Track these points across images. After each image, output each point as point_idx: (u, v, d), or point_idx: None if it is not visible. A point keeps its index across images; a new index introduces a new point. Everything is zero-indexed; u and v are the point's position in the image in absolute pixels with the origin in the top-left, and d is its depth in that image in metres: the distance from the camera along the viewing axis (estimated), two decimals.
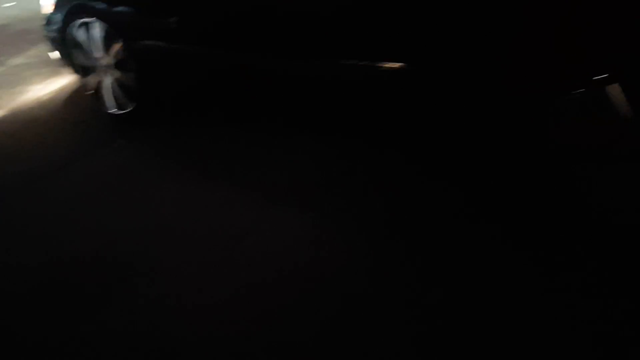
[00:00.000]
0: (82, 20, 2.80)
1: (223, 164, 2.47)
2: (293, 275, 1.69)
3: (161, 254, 1.89)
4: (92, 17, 2.74)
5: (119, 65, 2.80)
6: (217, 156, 2.54)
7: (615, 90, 1.68)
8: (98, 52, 2.83)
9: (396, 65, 1.93)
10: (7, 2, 7.64)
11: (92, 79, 2.99)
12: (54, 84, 3.81)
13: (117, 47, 2.73)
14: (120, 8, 2.64)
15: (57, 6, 2.95)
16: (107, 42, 2.76)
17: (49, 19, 3.06)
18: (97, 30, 2.75)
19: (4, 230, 2.17)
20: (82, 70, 3.01)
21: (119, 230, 2.05)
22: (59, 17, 2.94)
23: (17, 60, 4.58)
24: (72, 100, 3.46)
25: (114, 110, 2.98)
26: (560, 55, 1.63)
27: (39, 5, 3.16)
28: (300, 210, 2.03)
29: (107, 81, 2.92)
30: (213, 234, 1.96)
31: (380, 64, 1.97)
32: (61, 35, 2.97)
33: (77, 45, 2.91)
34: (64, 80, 3.81)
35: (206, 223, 2.03)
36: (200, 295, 1.67)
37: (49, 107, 3.40)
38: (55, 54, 3.18)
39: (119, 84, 2.87)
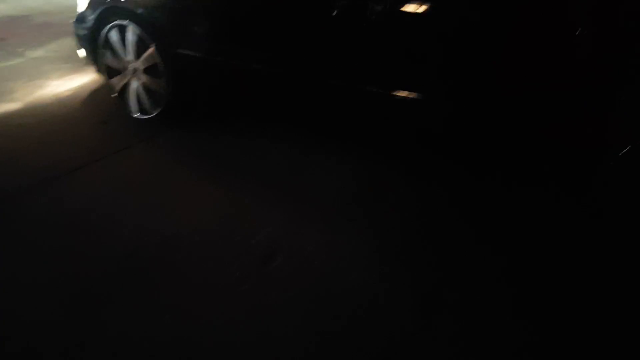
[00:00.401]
0: (115, 21, 2.77)
1: (250, 175, 2.43)
2: (325, 306, 1.64)
3: (182, 266, 1.84)
4: (127, 19, 2.72)
5: (148, 70, 2.77)
6: (244, 168, 2.51)
7: None
8: (128, 55, 2.81)
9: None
10: None
11: (118, 81, 2.96)
12: (74, 81, 3.76)
13: (149, 52, 2.70)
14: (157, 14, 2.62)
15: (91, 5, 2.92)
16: (139, 46, 2.74)
17: (80, 17, 3.03)
18: (131, 33, 2.73)
19: (15, 237, 2.06)
20: (109, 71, 2.98)
21: (138, 239, 1.98)
22: (91, 16, 2.91)
23: (37, 52, 4.54)
24: (93, 100, 3.41)
25: (137, 115, 2.95)
26: None
27: None
28: (342, 229, 2.02)
29: (134, 85, 2.88)
30: (238, 252, 1.90)
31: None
32: (91, 34, 2.94)
33: (107, 46, 2.88)
34: (85, 79, 3.77)
35: (230, 239, 1.98)
36: (219, 313, 1.61)
37: (68, 104, 3.35)
38: (82, 52, 3.15)
39: (146, 89, 2.84)
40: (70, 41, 3.25)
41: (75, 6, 3.09)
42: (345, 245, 1.94)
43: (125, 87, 2.94)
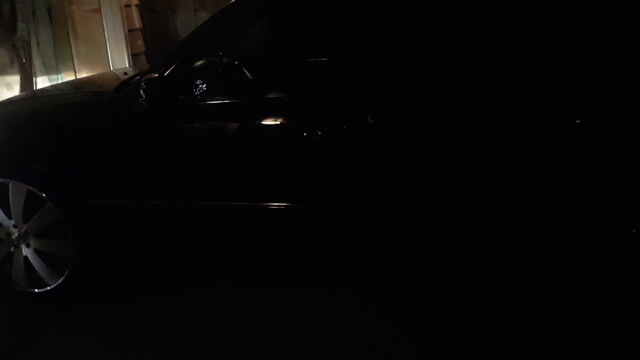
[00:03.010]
0: None
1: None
2: None
3: None
4: (6, 176, 2.21)
5: (42, 232, 2.24)
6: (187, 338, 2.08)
7: None
8: (12, 218, 2.25)
9: None
10: None
11: None
12: None
13: (45, 209, 2.19)
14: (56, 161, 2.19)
15: None
16: (27, 206, 2.22)
17: None
18: (15, 191, 2.20)
19: None
20: None
21: None
22: None
23: None
24: None
25: (30, 289, 2.32)
26: None
27: None
28: None
29: (21, 253, 2.29)
30: None
31: None
32: None
33: None
34: None
35: None
36: None
37: None
38: None
39: (41, 255, 2.28)
40: None
41: None
42: None
43: (7, 258, 2.32)
